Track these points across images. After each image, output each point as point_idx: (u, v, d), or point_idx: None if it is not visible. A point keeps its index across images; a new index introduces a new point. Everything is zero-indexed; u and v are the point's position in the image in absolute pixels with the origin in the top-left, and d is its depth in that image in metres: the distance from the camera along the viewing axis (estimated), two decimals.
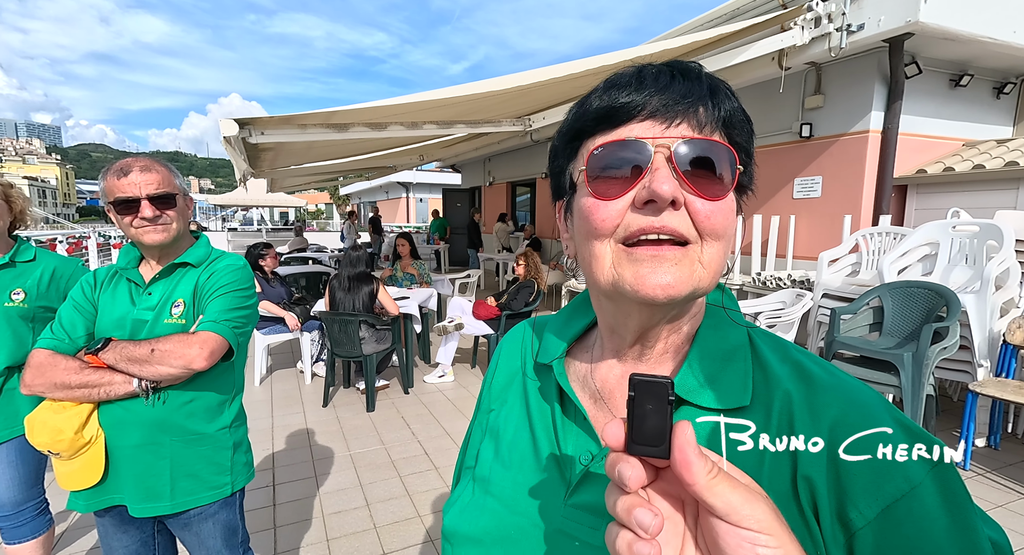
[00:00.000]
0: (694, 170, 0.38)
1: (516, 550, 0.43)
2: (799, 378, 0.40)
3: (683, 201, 0.38)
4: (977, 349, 2.94)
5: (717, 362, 0.43)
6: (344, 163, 7.58)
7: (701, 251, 0.39)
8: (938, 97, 4.62)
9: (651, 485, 0.30)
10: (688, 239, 0.39)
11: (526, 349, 0.54)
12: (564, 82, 3.90)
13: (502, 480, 0.47)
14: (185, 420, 1.14)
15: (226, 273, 1.19)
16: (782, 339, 0.46)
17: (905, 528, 0.33)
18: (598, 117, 0.41)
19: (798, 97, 5.02)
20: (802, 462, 0.36)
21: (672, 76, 0.40)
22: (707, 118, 0.40)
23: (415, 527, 2.26)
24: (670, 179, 0.37)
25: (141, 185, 1.10)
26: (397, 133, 3.76)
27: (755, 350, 0.44)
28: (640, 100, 0.39)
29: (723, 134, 0.41)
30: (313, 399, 3.83)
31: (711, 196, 0.39)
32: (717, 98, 0.41)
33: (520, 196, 11.87)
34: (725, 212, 0.40)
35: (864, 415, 0.37)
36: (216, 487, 1.20)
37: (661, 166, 0.38)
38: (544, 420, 0.47)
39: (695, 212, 0.38)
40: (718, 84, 0.42)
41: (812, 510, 0.36)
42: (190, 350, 1.06)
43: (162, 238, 1.13)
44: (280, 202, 20.06)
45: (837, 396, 0.38)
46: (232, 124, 2.62)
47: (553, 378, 0.48)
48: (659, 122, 0.39)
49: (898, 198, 4.71)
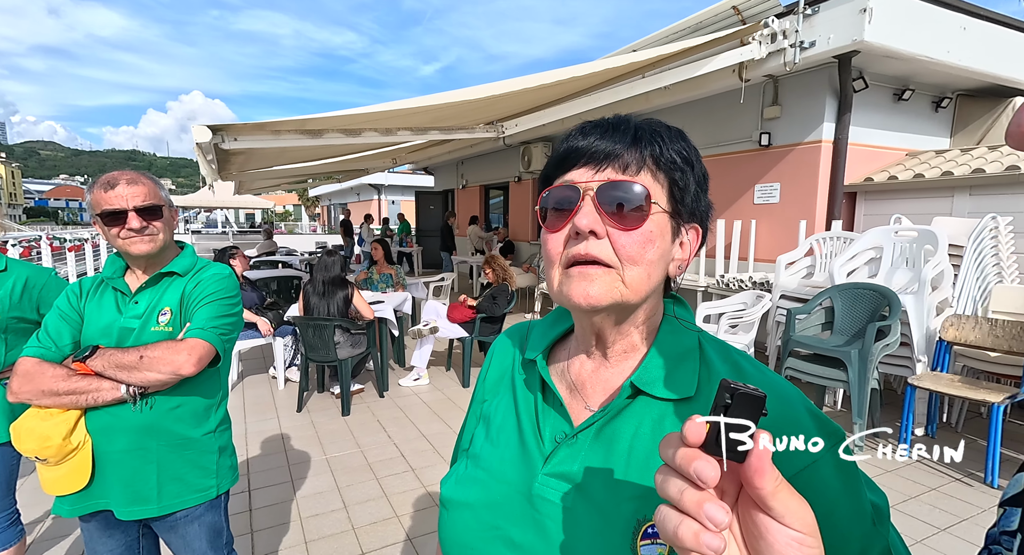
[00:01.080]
0: (615, 206, 0.48)
1: (500, 512, 0.52)
2: (735, 375, 0.50)
3: (605, 232, 0.48)
4: (916, 346, 3.18)
5: (671, 361, 0.51)
6: (316, 166, 7.51)
7: (623, 272, 0.48)
8: (883, 110, 4.95)
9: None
10: (610, 263, 0.48)
11: (516, 349, 0.63)
12: (535, 91, 4.02)
13: (490, 456, 0.56)
14: (172, 425, 1.18)
15: (212, 282, 1.23)
16: (726, 344, 0.55)
17: (807, 492, 0.42)
18: (555, 164, 0.52)
19: (757, 108, 5.29)
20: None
21: (605, 129, 0.50)
22: (630, 162, 0.49)
23: (393, 527, 2.31)
24: (590, 215, 0.47)
25: (128, 197, 1.14)
26: (372, 139, 3.79)
27: (703, 352, 0.52)
28: (580, 150, 0.50)
29: (654, 174, 0.50)
30: (287, 404, 3.82)
31: (626, 227, 0.47)
32: (640, 144, 0.49)
33: (493, 199, 11.95)
34: (641, 241, 0.48)
35: (783, 404, 0.46)
36: (202, 490, 1.24)
37: (585, 204, 0.48)
38: (528, 407, 0.56)
39: (614, 241, 0.48)
40: (652, 132, 0.51)
41: None
42: (178, 356, 1.11)
43: (149, 248, 1.17)
44: (247, 204, 19.55)
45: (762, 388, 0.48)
46: (205, 130, 2.61)
47: (537, 371, 0.57)
48: (591, 168, 0.49)
49: (848, 204, 5.01)
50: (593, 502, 0.48)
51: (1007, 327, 2.89)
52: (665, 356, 0.51)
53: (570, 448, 0.51)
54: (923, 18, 4.05)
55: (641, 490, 0.47)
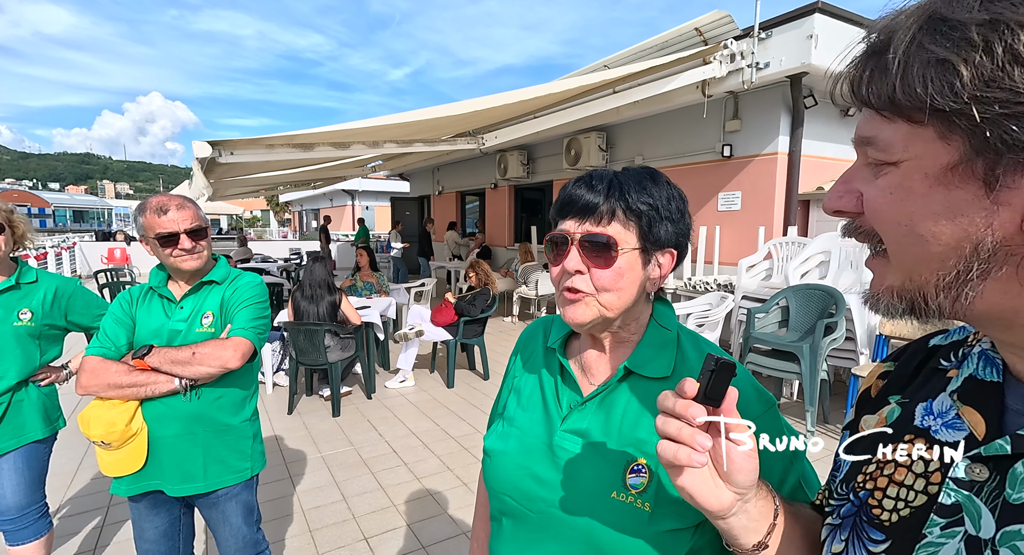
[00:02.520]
0: (592, 251, 0.65)
1: (530, 457, 0.71)
2: (702, 358, 0.68)
3: (586, 269, 0.65)
4: (859, 339, 3.55)
5: (656, 350, 0.69)
6: (293, 174, 7.56)
7: (599, 297, 0.65)
8: (832, 124, 5.41)
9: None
10: (589, 292, 0.66)
11: (542, 337, 0.82)
12: (514, 105, 4.27)
13: (521, 418, 0.77)
14: (215, 413, 1.35)
15: (248, 288, 1.41)
16: (699, 337, 0.74)
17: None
18: (557, 209, 0.70)
19: (720, 121, 5.67)
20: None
21: (590, 185, 0.66)
22: (603, 215, 0.65)
23: (392, 515, 2.49)
24: (575, 258, 0.65)
25: (179, 221, 1.31)
26: (360, 151, 3.96)
27: (680, 343, 0.71)
28: (572, 201, 0.67)
29: (624, 222, 0.65)
30: (277, 408, 3.92)
31: (600, 266, 0.65)
32: (612, 198, 0.65)
33: (469, 204, 12.14)
34: (612, 276, 0.65)
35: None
36: (239, 471, 1.41)
37: (572, 251, 0.66)
38: (550, 382, 0.75)
39: (592, 275, 0.65)
40: (624, 186, 0.66)
41: None
42: (226, 352, 1.28)
43: (197, 265, 1.35)
44: (214, 209, 19.17)
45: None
46: (205, 146, 2.74)
47: (556, 356, 0.76)
48: (577, 220, 0.66)
49: (803, 211, 5.43)
50: (596, 449, 0.67)
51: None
52: (650, 346, 0.69)
53: (580, 412, 0.70)
54: None
55: (630, 440, 0.65)
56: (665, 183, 0.68)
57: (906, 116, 0.34)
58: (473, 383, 4.57)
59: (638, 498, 0.62)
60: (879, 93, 0.35)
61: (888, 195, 0.36)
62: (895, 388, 0.50)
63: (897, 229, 0.36)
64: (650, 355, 0.68)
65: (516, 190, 9.98)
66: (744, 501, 0.48)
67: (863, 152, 0.39)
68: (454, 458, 3.10)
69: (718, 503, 0.47)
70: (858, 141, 0.39)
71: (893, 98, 0.34)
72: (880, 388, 0.52)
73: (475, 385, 4.51)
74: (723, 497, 0.47)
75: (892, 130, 0.35)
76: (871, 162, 0.38)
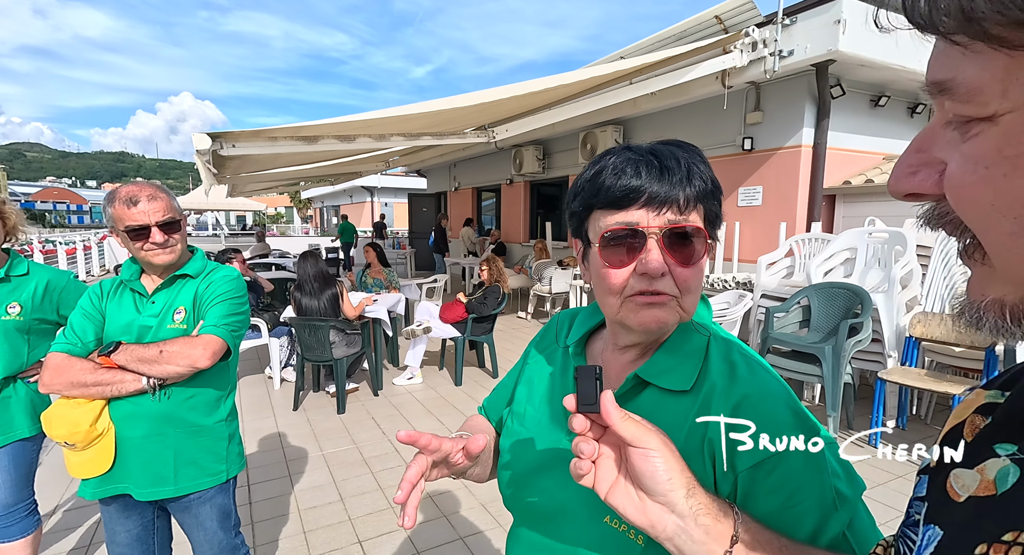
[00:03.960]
0: (677, 246, 0.55)
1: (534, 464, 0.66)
2: (727, 372, 0.56)
3: (668, 271, 0.55)
4: (887, 342, 3.34)
5: (677, 358, 0.59)
6: (309, 169, 7.59)
7: (681, 299, 0.57)
8: (860, 115, 5.14)
9: (602, 438, 0.48)
10: (673, 294, 0.56)
11: (564, 331, 0.75)
12: (526, 97, 4.15)
13: (531, 417, 0.70)
14: (187, 413, 1.29)
15: (223, 283, 1.35)
16: (732, 344, 0.61)
17: (772, 476, 0.50)
18: (606, 201, 0.57)
19: (740, 113, 5.45)
20: (710, 429, 0.52)
21: (661, 169, 0.55)
22: (685, 202, 0.55)
23: (388, 517, 2.42)
24: (659, 259, 0.54)
25: (150, 213, 1.25)
26: (365, 145, 3.90)
27: (708, 351, 0.60)
28: (639, 190, 0.55)
29: (699, 209, 0.57)
30: (283, 403, 3.91)
31: (688, 265, 0.55)
32: (692, 182, 0.55)
33: (486, 201, 12.07)
34: (696, 273, 0.57)
35: (765, 403, 0.53)
36: (214, 474, 1.35)
37: (653, 248, 0.55)
38: (564, 382, 0.69)
39: (677, 276, 0.56)
40: (694, 167, 0.56)
41: (711, 459, 0.53)
42: (195, 351, 1.22)
43: (170, 259, 1.29)
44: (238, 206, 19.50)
45: (745, 386, 0.54)
46: (205, 138, 2.71)
47: (571, 357, 0.70)
48: (652, 209, 0.55)
49: (828, 206, 5.19)
50: None
51: None
52: (670, 353, 0.60)
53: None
54: None
55: None
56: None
57: (998, 40, 0.22)
58: (482, 381, 4.49)
59: (631, 529, 0.55)
60: (949, 5, 0.23)
61: (982, 169, 0.24)
62: (1006, 432, 0.33)
63: (995, 219, 0.24)
64: (669, 363, 0.59)
65: (532, 186, 9.86)
66: (678, 516, 0.44)
67: (939, 104, 0.26)
68: None
69: (644, 518, 0.45)
70: (931, 88, 0.26)
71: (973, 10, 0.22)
72: (981, 430, 0.36)
73: (483, 383, 4.43)
74: (649, 511, 0.45)
75: (979, 66, 0.23)
76: (953, 119, 0.26)
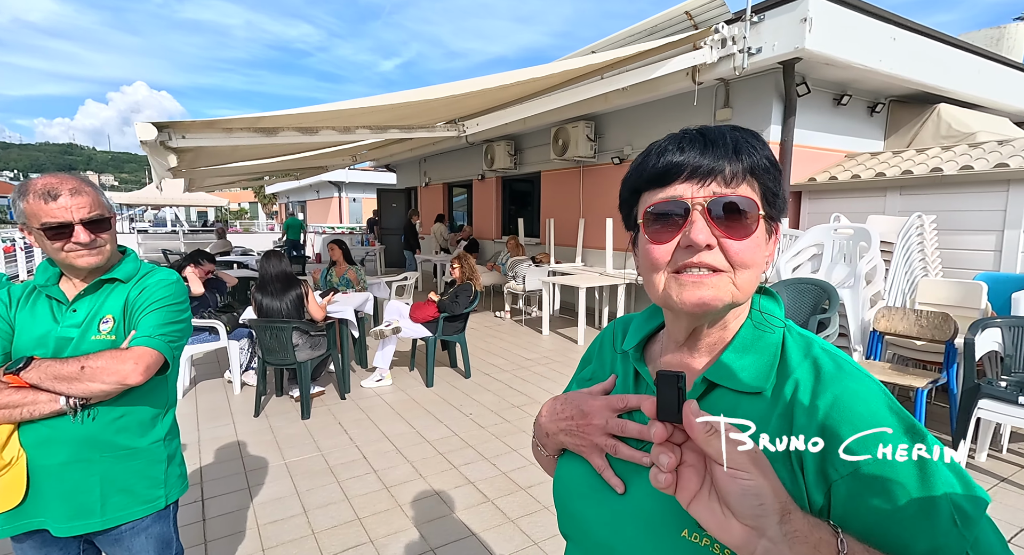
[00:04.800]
0: (725, 218, 0.51)
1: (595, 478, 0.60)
2: (811, 370, 0.51)
3: (716, 243, 0.51)
4: (852, 336, 3.41)
5: (749, 355, 0.54)
6: (271, 163, 7.28)
7: (734, 276, 0.52)
8: (824, 114, 5.25)
9: (684, 444, 0.44)
10: (723, 269, 0.52)
11: (619, 338, 0.70)
12: (496, 91, 4.04)
13: None
14: (116, 435, 1.15)
15: (159, 288, 1.20)
16: (812, 338, 0.56)
17: (875, 486, 0.44)
18: (650, 179, 0.55)
19: (710, 110, 5.49)
20: (795, 431, 0.47)
21: (705, 143, 0.53)
22: (732, 174, 0.52)
23: (355, 529, 2.30)
24: (704, 230, 0.51)
25: (73, 209, 1.09)
26: (329, 137, 3.72)
27: (784, 346, 0.55)
28: (681, 165, 0.52)
29: (751, 183, 0.53)
30: (243, 409, 3.71)
31: (738, 237, 0.51)
32: (741, 155, 0.52)
33: (457, 197, 11.90)
34: (751, 247, 0.52)
35: (862, 403, 0.47)
36: (149, 501, 1.21)
37: (697, 219, 0.51)
38: (626, 390, 0.64)
39: (727, 249, 0.51)
40: (743, 142, 0.53)
41: (799, 467, 0.47)
42: (124, 365, 1.08)
43: (96, 261, 1.13)
44: (198, 201, 18.71)
45: (835, 385, 0.48)
46: (150, 128, 2.49)
47: (631, 363, 0.65)
48: (695, 182, 0.52)
49: (794, 203, 5.29)
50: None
51: (931, 317, 3.13)
52: (741, 350, 0.55)
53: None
54: (857, 28, 4.31)
55: None
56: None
57: None
58: (454, 382, 4.38)
59: (715, 542, 0.49)
60: None
61: None
62: None
63: None
64: (740, 362, 0.55)
65: (504, 182, 9.76)
66: (769, 541, 0.40)
67: None
68: (428, 464, 2.91)
69: (728, 535, 0.42)
70: None
71: None
72: None
73: (455, 384, 4.33)
74: (731, 529, 0.42)
75: None
76: None
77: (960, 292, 3.56)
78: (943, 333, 3.07)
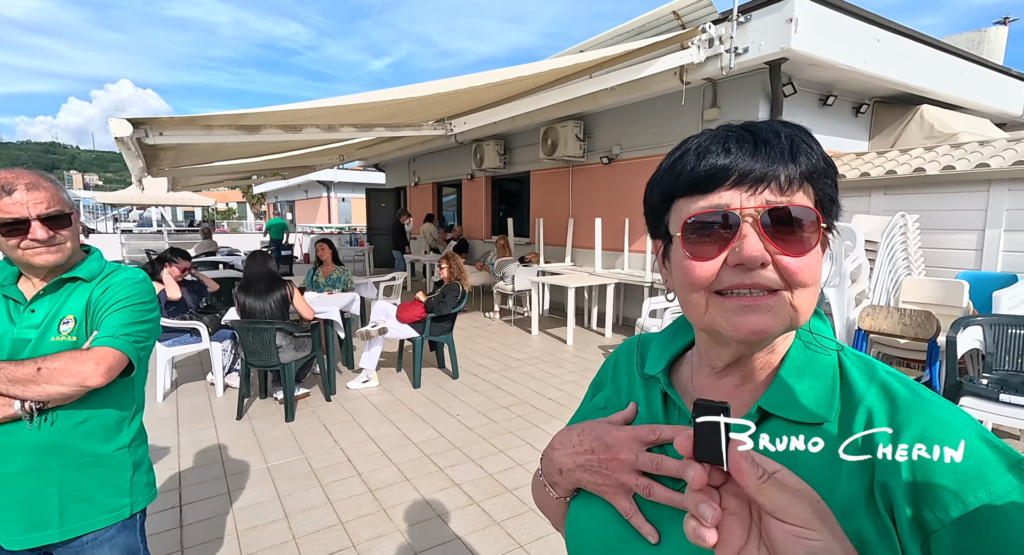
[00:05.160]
0: (780, 232, 0.44)
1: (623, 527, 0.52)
2: (883, 397, 0.45)
3: (770, 260, 0.44)
4: (838, 334, 3.43)
5: (805, 380, 0.48)
6: (257, 162, 7.18)
7: (792, 296, 0.45)
8: (810, 113, 5.29)
9: (724, 486, 0.36)
10: (779, 289, 0.44)
11: (634, 363, 0.62)
12: (484, 89, 4.01)
13: None
14: (78, 441, 1.10)
15: (123, 287, 1.16)
16: (872, 360, 0.50)
17: (984, 535, 0.37)
18: (689, 184, 0.47)
19: (698, 110, 5.51)
20: (879, 469, 0.41)
21: (755, 143, 0.45)
22: (788, 181, 0.44)
23: (337, 534, 2.26)
24: (757, 245, 0.43)
25: (29, 205, 1.04)
26: (313, 136, 3.67)
27: (843, 370, 0.48)
28: (727, 169, 0.45)
29: (807, 189, 0.46)
30: (226, 412, 3.64)
31: (796, 253, 0.44)
32: (798, 158, 0.45)
33: (447, 196, 11.85)
34: (811, 264, 0.44)
35: (946, 432, 0.41)
36: (113, 510, 1.16)
37: (749, 233, 0.44)
38: (653, 420, 0.55)
39: (783, 268, 0.44)
40: (798, 141, 0.46)
41: (888, 512, 0.40)
42: (84, 367, 1.03)
43: (55, 259, 1.08)
44: (184, 201, 18.43)
45: (918, 414, 0.42)
46: (124, 124, 2.42)
47: (659, 386, 0.56)
48: (745, 189, 0.45)
49: None
50: None
51: (914, 316, 3.16)
52: (796, 376, 0.48)
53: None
54: (842, 29, 4.35)
55: None
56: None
57: None
58: (441, 383, 4.34)
59: None
60: None
61: None
62: None
63: None
64: (796, 388, 0.47)
65: (493, 181, 9.73)
66: None
67: None
68: (413, 467, 2.87)
69: None
70: None
71: None
72: None
73: (443, 385, 4.29)
74: None
75: None
76: None
77: (942, 291, 3.60)
78: (926, 331, 3.09)
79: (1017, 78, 6.15)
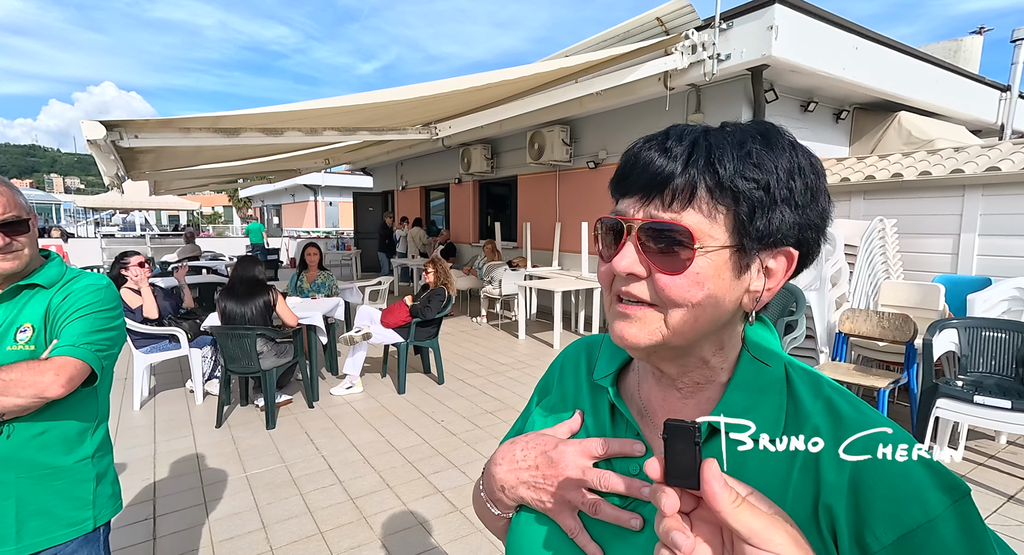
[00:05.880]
0: (659, 247, 0.43)
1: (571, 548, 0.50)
2: (829, 414, 0.44)
3: (647, 273, 0.44)
4: (819, 338, 3.47)
5: (753, 394, 0.47)
6: (241, 166, 7.09)
7: (666, 314, 0.44)
8: (792, 119, 5.37)
9: (694, 512, 0.35)
10: (653, 302, 0.45)
11: (584, 365, 0.61)
12: (469, 92, 4.01)
13: None
14: (36, 454, 1.06)
15: (85, 293, 1.12)
16: (818, 374, 0.49)
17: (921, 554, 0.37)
18: (617, 184, 0.48)
19: (683, 115, 5.57)
20: (824, 491, 0.40)
21: (664, 148, 0.44)
22: (678, 193, 0.43)
23: (316, 544, 2.22)
24: (630, 256, 0.44)
25: None
26: (295, 139, 3.63)
27: (790, 384, 0.47)
28: (630, 176, 0.46)
29: (709, 203, 0.43)
30: (205, 420, 3.57)
31: (669, 271, 0.43)
32: (694, 168, 0.43)
33: (434, 201, 11.82)
34: (686, 284, 0.43)
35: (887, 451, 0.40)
36: (74, 524, 1.12)
37: (627, 244, 0.45)
38: (600, 430, 0.54)
39: (656, 282, 0.44)
40: (712, 149, 0.43)
41: (831, 534, 0.40)
42: (43, 377, 1.00)
43: (12, 266, 1.05)
44: (168, 205, 18.16)
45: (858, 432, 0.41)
46: (97, 127, 2.37)
47: (606, 396, 0.55)
48: (639, 200, 0.45)
49: None
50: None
51: (892, 319, 3.21)
52: (746, 390, 0.47)
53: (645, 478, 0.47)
54: (822, 37, 4.43)
55: None
56: (788, 146, 0.45)
57: None
58: (426, 388, 4.31)
59: None
60: None
61: None
62: None
63: None
64: (745, 404, 0.46)
65: (481, 185, 9.73)
66: None
67: None
68: (396, 474, 2.84)
69: None
70: None
71: None
72: None
73: (428, 390, 4.25)
74: None
75: None
76: None
77: (920, 294, 3.66)
78: (904, 334, 3.14)
79: (991, 86, 6.31)
